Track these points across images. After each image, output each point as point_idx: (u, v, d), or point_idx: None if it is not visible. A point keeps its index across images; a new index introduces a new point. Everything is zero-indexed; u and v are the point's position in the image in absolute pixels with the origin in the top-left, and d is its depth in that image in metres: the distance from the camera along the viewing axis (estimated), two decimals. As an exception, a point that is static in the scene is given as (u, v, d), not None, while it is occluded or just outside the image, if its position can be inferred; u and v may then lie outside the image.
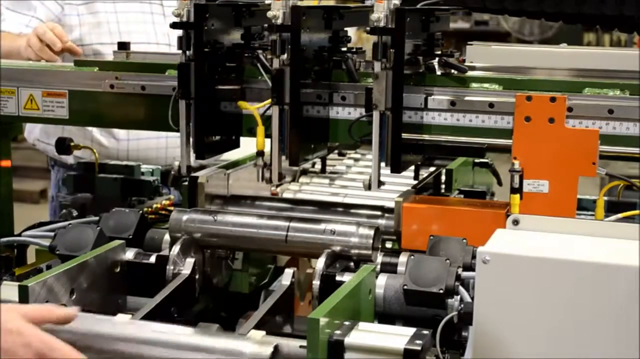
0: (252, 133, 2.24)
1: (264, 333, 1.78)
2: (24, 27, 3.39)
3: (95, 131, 3.42)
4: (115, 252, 2.12)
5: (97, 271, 2.04)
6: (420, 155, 2.27)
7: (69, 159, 3.33)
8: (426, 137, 2.19)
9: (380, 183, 2.13)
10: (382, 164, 2.11)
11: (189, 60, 2.19)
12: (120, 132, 3.43)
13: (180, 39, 2.19)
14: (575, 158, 2.05)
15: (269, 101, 2.14)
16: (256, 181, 2.30)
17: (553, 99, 2.06)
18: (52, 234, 2.28)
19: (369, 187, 2.12)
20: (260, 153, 2.20)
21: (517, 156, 2.07)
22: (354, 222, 2.12)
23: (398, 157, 2.08)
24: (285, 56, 2.10)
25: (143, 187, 2.77)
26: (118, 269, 2.12)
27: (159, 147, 3.45)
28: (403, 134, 2.07)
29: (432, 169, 2.66)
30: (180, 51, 2.21)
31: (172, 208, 2.66)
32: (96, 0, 3.43)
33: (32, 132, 3.60)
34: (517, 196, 2.05)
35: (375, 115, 2.08)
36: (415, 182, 2.56)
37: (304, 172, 2.84)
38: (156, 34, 3.47)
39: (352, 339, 1.69)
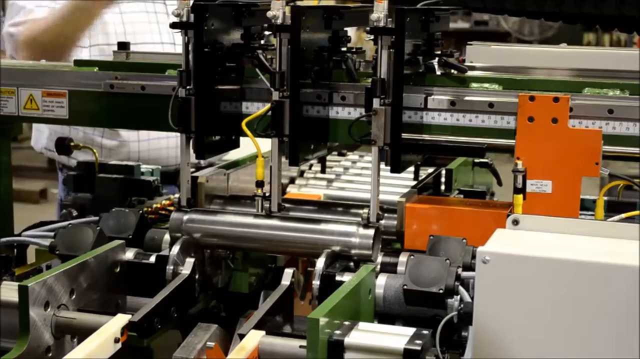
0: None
1: (263, 332, 1.78)
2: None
3: (98, 134, 3.42)
4: (115, 252, 2.12)
5: (97, 271, 2.04)
6: (420, 155, 2.27)
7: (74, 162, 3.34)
8: (426, 137, 2.19)
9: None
10: (382, 164, 2.11)
11: (189, 94, 2.18)
12: (130, 134, 3.42)
13: (180, 73, 2.17)
14: (579, 158, 2.04)
15: (268, 106, 2.13)
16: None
17: (556, 99, 2.06)
18: (52, 234, 2.28)
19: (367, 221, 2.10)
20: (259, 183, 2.19)
21: (520, 156, 2.06)
22: (354, 222, 2.12)
23: (398, 157, 2.08)
24: (285, 89, 2.09)
25: (143, 187, 2.77)
26: (118, 269, 2.12)
27: (169, 146, 3.43)
28: (403, 134, 2.07)
29: (432, 169, 2.66)
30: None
31: (172, 208, 2.65)
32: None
33: (39, 141, 3.59)
34: (520, 196, 2.05)
35: (374, 150, 2.08)
36: (415, 182, 2.55)
37: (303, 172, 2.84)
38: (160, 33, 3.46)
39: (352, 339, 1.70)
